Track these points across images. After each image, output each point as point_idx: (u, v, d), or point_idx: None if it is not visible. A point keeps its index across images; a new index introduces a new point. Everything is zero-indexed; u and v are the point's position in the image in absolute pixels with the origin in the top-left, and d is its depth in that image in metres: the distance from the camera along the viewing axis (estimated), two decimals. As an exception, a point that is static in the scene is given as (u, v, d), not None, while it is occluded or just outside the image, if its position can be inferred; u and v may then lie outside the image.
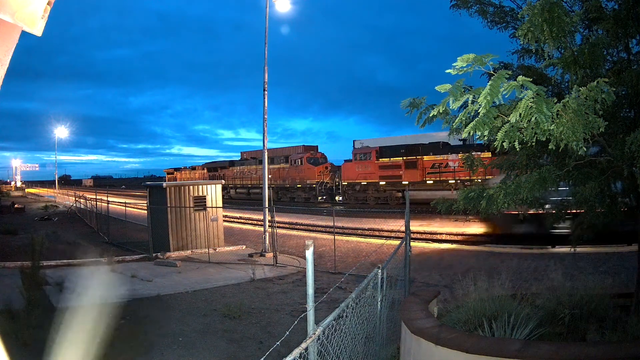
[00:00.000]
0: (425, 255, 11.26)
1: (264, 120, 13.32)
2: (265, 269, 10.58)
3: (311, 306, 2.36)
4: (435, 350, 3.36)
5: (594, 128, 2.64)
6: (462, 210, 4.02)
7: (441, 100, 2.92)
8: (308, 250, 2.34)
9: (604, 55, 3.45)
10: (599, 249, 9.65)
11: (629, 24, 3.46)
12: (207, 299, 7.89)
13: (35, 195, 57.64)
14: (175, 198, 13.04)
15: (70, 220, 23.79)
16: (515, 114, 2.56)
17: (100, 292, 8.28)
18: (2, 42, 0.93)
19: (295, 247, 13.56)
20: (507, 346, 3.07)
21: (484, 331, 3.71)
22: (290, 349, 2.16)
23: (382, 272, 3.92)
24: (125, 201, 25.71)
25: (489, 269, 8.89)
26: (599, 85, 2.53)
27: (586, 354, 2.87)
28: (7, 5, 0.90)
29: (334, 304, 6.07)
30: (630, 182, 3.53)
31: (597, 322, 3.94)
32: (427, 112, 3.77)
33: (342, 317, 2.97)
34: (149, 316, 6.83)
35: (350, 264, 10.78)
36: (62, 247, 12.87)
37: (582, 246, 4.75)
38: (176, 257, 12.10)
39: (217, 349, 5.52)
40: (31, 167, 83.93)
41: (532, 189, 3.37)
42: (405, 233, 5.68)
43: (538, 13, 2.85)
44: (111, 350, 5.46)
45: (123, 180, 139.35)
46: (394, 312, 4.68)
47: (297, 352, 2.14)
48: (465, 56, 2.70)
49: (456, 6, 4.64)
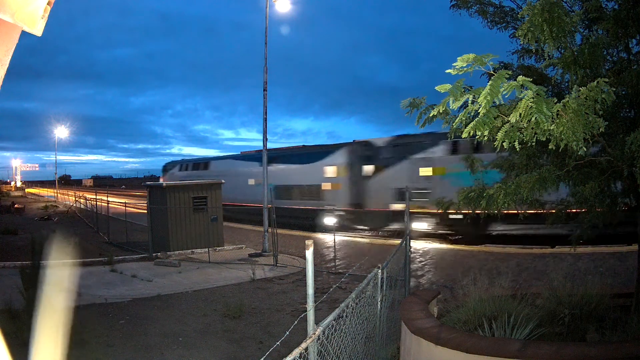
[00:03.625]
0: (426, 255, 11.27)
1: (264, 120, 13.32)
2: (265, 269, 10.58)
3: (311, 306, 2.36)
4: (435, 350, 3.36)
5: (594, 128, 2.64)
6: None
7: (441, 100, 2.92)
8: (308, 250, 2.34)
9: (604, 55, 3.45)
10: (599, 249, 9.66)
11: (629, 24, 3.45)
12: (207, 299, 7.89)
13: (35, 195, 57.65)
14: (176, 198, 13.04)
15: (71, 220, 23.79)
16: (515, 114, 2.56)
17: (100, 292, 8.29)
18: (2, 42, 0.93)
19: (295, 247, 13.57)
20: (507, 346, 3.08)
21: (484, 331, 3.71)
22: (290, 349, 2.16)
23: (382, 272, 3.92)
24: (125, 201, 25.71)
25: (489, 269, 8.90)
26: (599, 85, 2.53)
27: (586, 354, 2.87)
28: (7, 5, 0.90)
29: (334, 304, 6.08)
30: (630, 182, 3.53)
31: (597, 322, 3.94)
32: (427, 112, 3.77)
33: (342, 317, 2.97)
34: (149, 316, 6.83)
35: (350, 264, 10.78)
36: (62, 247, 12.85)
37: (582, 246, 4.74)
38: (176, 257, 12.10)
39: (217, 349, 5.52)
40: (31, 167, 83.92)
41: (532, 189, 3.37)
42: (405, 233, 5.68)
43: (538, 13, 2.85)
44: (111, 350, 5.47)
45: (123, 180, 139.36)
46: (394, 312, 4.68)
47: (297, 352, 2.14)
48: (465, 56, 2.70)
49: (456, 6, 4.64)
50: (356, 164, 17.73)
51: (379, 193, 16.54)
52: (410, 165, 15.79)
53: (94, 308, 7.25)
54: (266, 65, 13.02)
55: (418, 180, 15.39)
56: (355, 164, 17.74)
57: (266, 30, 13.07)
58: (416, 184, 15.16)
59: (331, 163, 18.56)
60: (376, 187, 16.82)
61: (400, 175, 15.84)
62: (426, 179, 15.32)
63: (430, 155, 15.37)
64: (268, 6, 12.97)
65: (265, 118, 13.30)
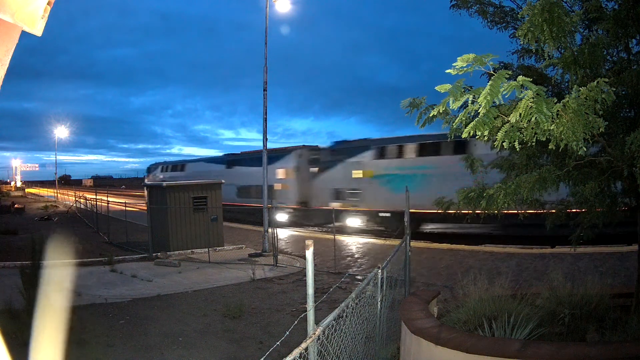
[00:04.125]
0: (425, 254, 11.27)
1: (264, 120, 13.33)
2: (265, 269, 10.58)
3: (311, 306, 2.36)
4: (435, 350, 3.36)
5: (594, 128, 2.64)
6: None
7: (441, 100, 2.92)
8: (308, 250, 2.34)
9: (604, 55, 3.45)
10: (599, 249, 9.66)
11: (629, 24, 3.45)
12: (207, 299, 7.89)
13: (35, 195, 57.66)
14: (176, 198, 13.04)
15: (71, 220, 23.78)
16: (515, 114, 2.56)
17: (100, 292, 8.29)
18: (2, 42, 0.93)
19: (295, 247, 13.57)
20: (507, 346, 3.07)
21: (484, 331, 3.71)
22: (290, 349, 2.16)
23: (382, 272, 3.92)
24: (125, 201, 25.71)
25: (489, 268, 8.90)
26: (599, 85, 2.53)
27: (586, 354, 2.87)
28: (7, 5, 0.90)
29: (334, 304, 6.08)
30: (630, 182, 3.53)
31: (597, 322, 3.93)
32: (427, 112, 3.77)
33: (342, 317, 2.97)
34: (149, 316, 6.83)
35: (350, 264, 10.78)
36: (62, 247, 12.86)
37: (582, 246, 4.75)
38: (176, 257, 12.10)
39: (217, 349, 5.52)
40: (31, 167, 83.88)
41: (532, 189, 3.37)
42: (405, 233, 5.67)
43: (538, 13, 2.85)
44: (111, 350, 5.47)
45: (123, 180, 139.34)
46: (394, 312, 4.68)
47: (297, 352, 2.14)
48: (465, 56, 2.70)
49: (456, 6, 4.63)
50: (303, 167, 20.11)
51: (321, 193, 18.61)
52: (345, 168, 17.74)
53: (94, 308, 7.25)
54: (266, 65, 13.04)
55: (351, 181, 17.36)
56: (302, 167, 20.10)
57: (266, 30, 13.08)
58: (350, 185, 17.37)
59: (283, 166, 20.65)
60: (319, 188, 18.87)
61: (337, 177, 17.98)
62: (358, 181, 17.18)
63: (361, 159, 17.29)
64: (268, 6, 12.98)
65: (265, 118, 13.31)
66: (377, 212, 16.54)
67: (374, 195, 16.61)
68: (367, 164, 17.07)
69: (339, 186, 17.84)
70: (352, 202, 17.32)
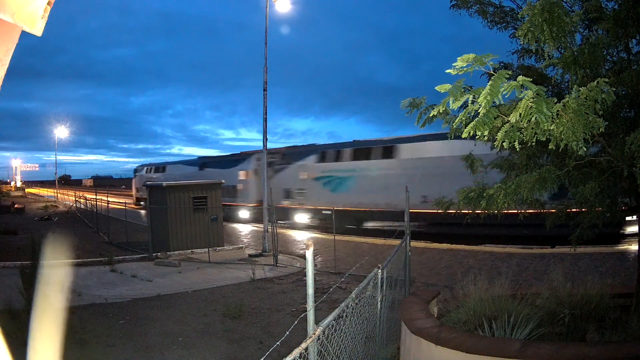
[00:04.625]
0: (425, 254, 11.27)
1: (264, 120, 13.33)
2: (265, 269, 10.58)
3: (311, 306, 2.36)
4: (435, 350, 3.36)
5: (594, 128, 2.64)
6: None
7: (441, 100, 2.92)
8: (308, 250, 2.34)
9: (604, 55, 3.45)
10: (599, 249, 9.66)
11: (629, 24, 3.45)
12: (207, 299, 7.89)
13: (35, 195, 57.66)
14: (176, 198, 13.03)
15: (71, 220, 23.79)
16: (515, 114, 2.56)
17: (100, 292, 8.29)
18: (2, 42, 0.93)
19: (295, 247, 13.57)
20: (507, 346, 3.07)
21: (484, 331, 3.71)
22: (290, 349, 2.16)
23: (382, 272, 3.92)
24: (125, 201, 25.72)
25: (489, 268, 8.90)
26: (599, 85, 2.53)
27: (586, 354, 2.87)
28: (7, 5, 0.90)
29: (334, 304, 6.08)
30: (630, 182, 3.53)
31: (597, 322, 3.93)
32: (427, 112, 3.77)
33: (342, 317, 2.97)
34: (149, 316, 6.84)
35: (350, 264, 10.78)
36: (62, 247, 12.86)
37: (582, 246, 4.75)
38: (176, 257, 12.10)
39: (217, 349, 5.52)
40: (31, 167, 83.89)
41: (532, 189, 3.37)
42: (405, 233, 5.67)
43: (538, 13, 2.85)
44: (111, 350, 5.47)
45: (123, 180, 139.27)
46: (394, 312, 4.68)
47: (297, 352, 2.14)
48: (465, 56, 2.70)
49: (456, 6, 4.63)
50: (260, 169, 21.46)
51: (275, 192, 19.80)
52: (294, 171, 20.30)
53: (94, 308, 7.26)
54: (266, 65, 13.04)
55: (298, 182, 19.90)
56: (259, 170, 21.34)
57: (266, 31, 13.08)
58: (298, 186, 19.94)
59: (244, 168, 23.19)
60: (273, 188, 20.08)
61: (288, 179, 20.47)
62: (303, 182, 19.67)
63: (306, 162, 19.82)
64: (268, 6, 12.98)
65: (265, 118, 13.31)
66: (321, 210, 18.76)
67: (317, 194, 19.00)
68: (311, 167, 19.54)
69: (289, 186, 20.36)
70: (299, 200, 19.84)
